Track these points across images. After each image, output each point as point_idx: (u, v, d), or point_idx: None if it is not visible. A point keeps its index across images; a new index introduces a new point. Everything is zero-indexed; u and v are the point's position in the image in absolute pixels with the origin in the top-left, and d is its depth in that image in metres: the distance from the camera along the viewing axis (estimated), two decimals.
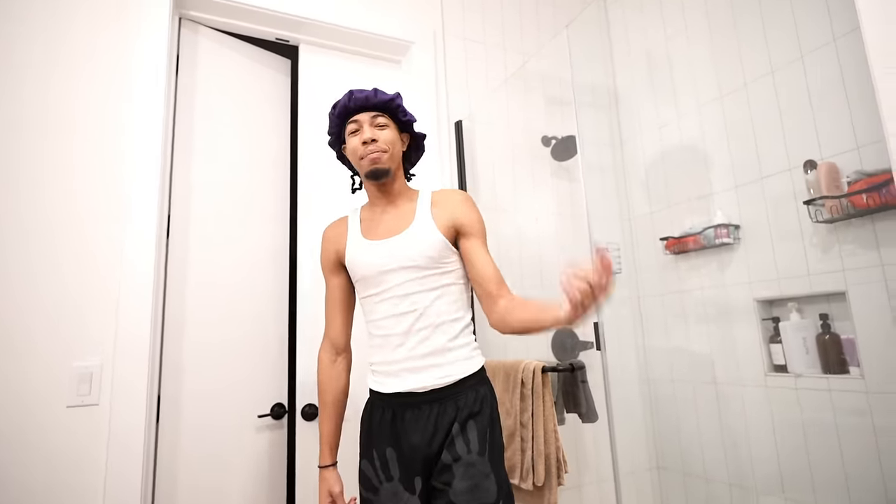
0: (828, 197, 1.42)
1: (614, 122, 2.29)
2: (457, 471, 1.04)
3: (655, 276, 2.08)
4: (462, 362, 1.12)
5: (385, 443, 1.11)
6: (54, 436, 1.24)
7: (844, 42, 1.45)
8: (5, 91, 1.32)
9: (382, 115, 1.19)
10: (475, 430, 1.07)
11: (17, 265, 1.27)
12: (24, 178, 1.31)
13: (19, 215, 1.29)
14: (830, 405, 1.47)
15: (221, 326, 1.57)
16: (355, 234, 1.22)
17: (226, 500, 1.48)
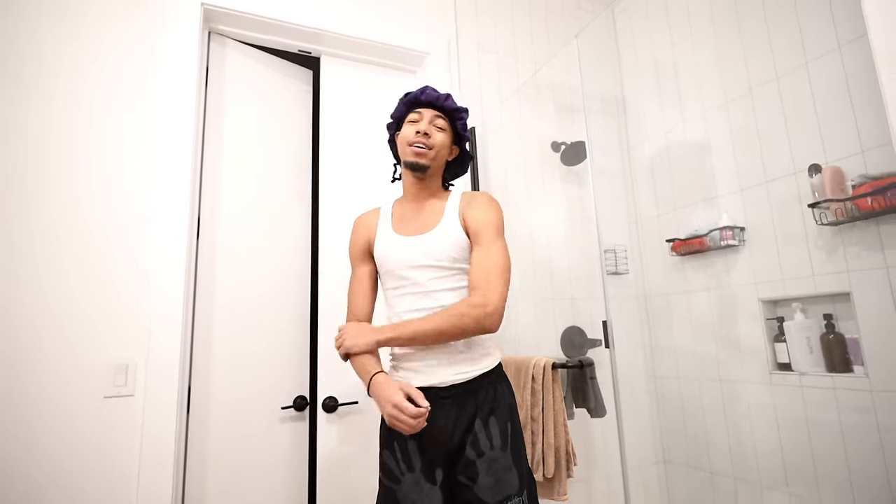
0: (833, 200, 1.38)
1: (622, 128, 2.25)
2: (481, 466, 1.03)
3: (662, 276, 2.04)
4: (480, 359, 1.12)
5: (406, 435, 1.09)
6: (93, 423, 1.26)
7: (849, 49, 1.41)
8: (57, 105, 1.34)
9: (444, 119, 1.19)
10: (496, 426, 1.07)
11: (63, 268, 1.29)
12: (76, 183, 1.33)
13: (72, 221, 1.31)
14: (834, 403, 1.43)
15: (248, 323, 1.58)
16: (386, 226, 1.21)
17: (251, 484, 1.49)
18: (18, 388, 1.21)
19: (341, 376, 1.61)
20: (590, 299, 1.98)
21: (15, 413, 1.20)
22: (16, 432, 1.19)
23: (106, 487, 1.24)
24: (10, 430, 1.19)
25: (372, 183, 1.79)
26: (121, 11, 1.46)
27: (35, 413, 1.21)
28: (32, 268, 1.26)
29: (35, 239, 1.28)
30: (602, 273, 1.46)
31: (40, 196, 1.30)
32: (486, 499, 1.01)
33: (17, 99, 1.31)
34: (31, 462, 1.19)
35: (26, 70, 1.34)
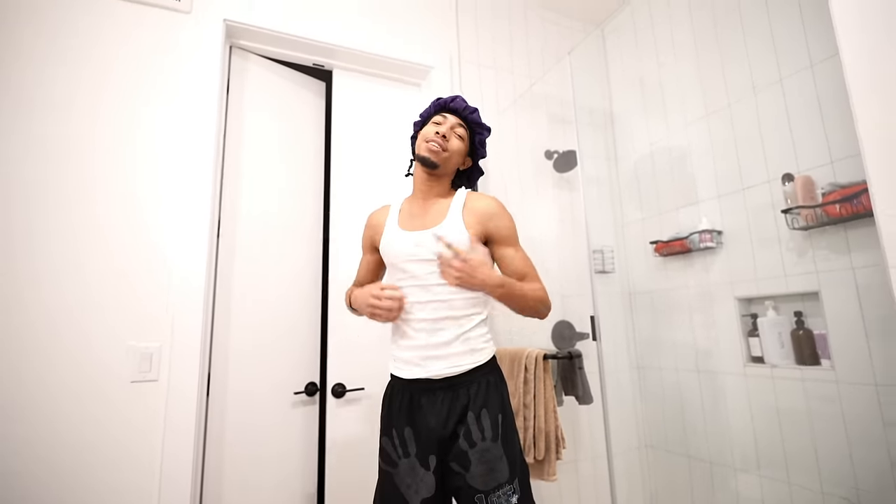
0: (804, 206, 1.39)
1: (610, 139, 2.26)
2: (472, 457, 1.02)
3: (645, 275, 2.05)
4: (473, 353, 1.09)
5: (403, 423, 1.09)
6: (120, 406, 1.27)
7: (820, 68, 1.42)
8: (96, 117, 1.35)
9: (465, 129, 1.20)
10: (488, 417, 1.05)
11: (94, 263, 1.30)
12: (97, 188, 1.34)
13: (106, 221, 1.32)
14: (803, 393, 1.44)
15: (263, 314, 1.59)
16: (392, 222, 1.21)
17: (265, 463, 1.50)
18: (53, 375, 1.22)
19: (349, 364, 1.62)
20: (579, 296, 1.99)
21: (49, 397, 1.21)
22: (50, 414, 1.20)
23: (132, 464, 1.25)
24: (44, 412, 1.20)
25: (380, 186, 1.80)
26: (148, 25, 1.47)
27: (68, 396, 1.22)
28: (67, 263, 1.27)
29: (71, 236, 1.29)
30: (590, 271, 1.47)
31: (65, 197, 1.31)
32: (477, 486, 1.00)
33: (41, 107, 1.32)
34: (62, 441, 1.20)
35: (54, 80, 1.34)
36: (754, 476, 1.58)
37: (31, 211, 1.26)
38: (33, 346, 1.21)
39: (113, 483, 1.23)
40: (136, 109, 1.41)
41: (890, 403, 1.25)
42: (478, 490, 0.99)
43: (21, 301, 1.22)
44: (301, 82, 1.85)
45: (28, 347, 1.21)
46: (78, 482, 1.20)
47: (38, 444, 1.18)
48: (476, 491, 1.00)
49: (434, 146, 1.15)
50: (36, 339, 1.22)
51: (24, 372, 1.20)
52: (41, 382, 1.21)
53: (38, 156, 1.28)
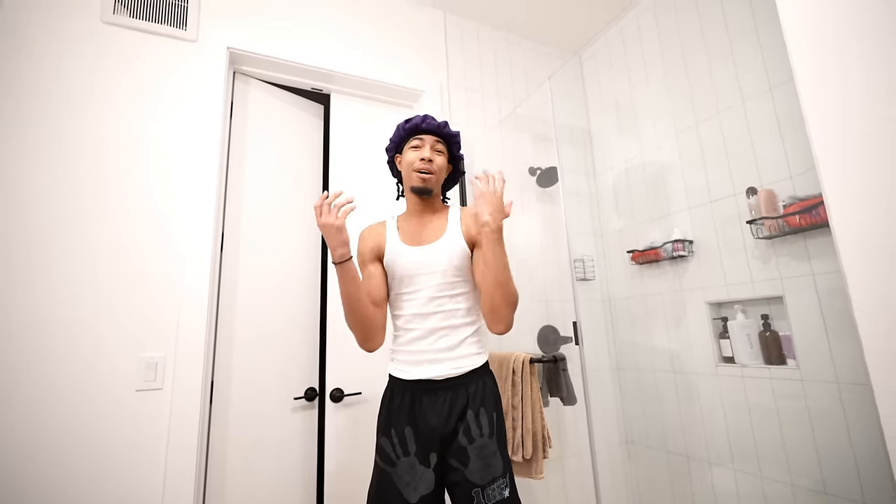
0: (767, 217, 1.41)
1: (589, 156, 2.28)
2: (471, 453, 1.02)
3: (623, 282, 2.05)
4: (472, 357, 1.11)
5: (403, 422, 1.07)
6: (126, 414, 1.23)
7: (778, 90, 1.45)
8: (105, 139, 1.33)
9: (442, 143, 1.19)
10: (486, 416, 1.06)
11: (98, 276, 1.27)
12: (110, 199, 1.31)
13: (111, 236, 1.29)
14: (771, 391, 1.44)
15: (264, 323, 1.56)
16: (394, 238, 1.18)
17: (267, 468, 1.46)
18: (58, 385, 1.18)
19: (346, 370, 1.60)
20: (562, 301, 1.98)
21: (53, 407, 1.17)
22: (54, 424, 1.16)
23: (136, 471, 1.21)
24: (48, 423, 1.16)
25: (374, 201, 1.79)
26: (156, 53, 1.46)
27: (72, 406, 1.19)
28: (70, 276, 1.24)
29: (78, 251, 1.26)
30: (572, 279, 1.47)
31: (76, 215, 1.28)
32: (475, 480, 1.00)
33: (58, 124, 1.30)
34: (68, 450, 1.16)
35: (68, 104, 1.33)
36: (728, 469, 1.57)
37: (47, 228, 1.23)
38: (39, 355, 1.18)
39: (118, 493, 1.19)
40: (143, 133, 1.39)
41: (851, 400, 1.25)
42: (475, 484, 1.00)
43: (32, 308, 1.18)
44: (300, 105, 1.85)
45: (33, 356, 1.17)
46: (80, 488, 1.16)
47: (41, 451, 1.14)
48: (473, 485, 1.00)
49: (424, 174, 1.14)
50: (41, 348, 1.18)
51: (29, 379, 1.16)
52: (46, 389, 1.17)
53: (50, 173, 1.26)
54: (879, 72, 0.75)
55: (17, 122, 1.25)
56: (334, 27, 1.80)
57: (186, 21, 1.51)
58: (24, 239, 1.21)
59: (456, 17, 2.13)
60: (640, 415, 1.96)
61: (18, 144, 1.24)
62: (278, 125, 1.75)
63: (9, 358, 1.15)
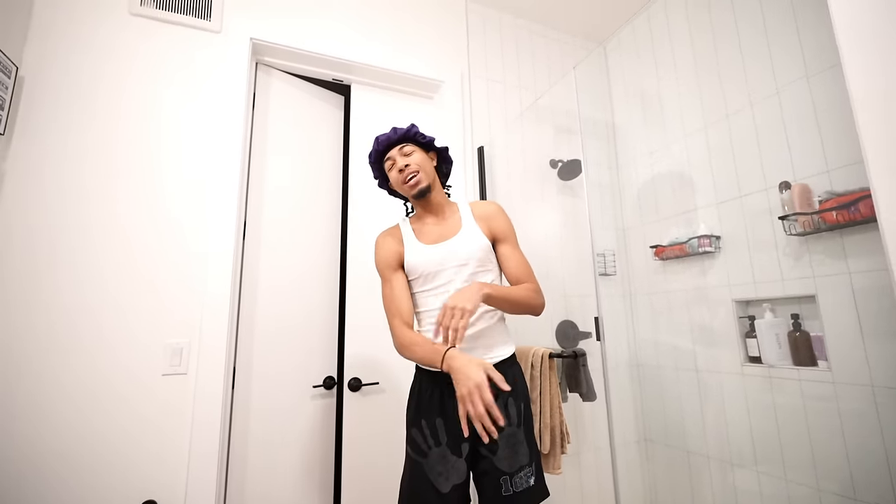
0: (801, 213, 1.34)
1: (612, 149, 2.22)
2: (501, 441, 1.04)
3: (645, 278, 2.00)
4: (501, 346, 1.12)
5: (434, 414, 1.07)
6: (153, 397, 1.26)
7: (816, 79, 1.37)
8: (130, 129, 1.35)
9: (407, 145, 1.17)
10: (514, 405, 1.07)
11: (130, 265, 1.29)
12: (140, 197, 1.33)
13: (142, 226, 1.31)
14: (800, 392, 1.39)
15: (284, 312, 1.57)
16: (411, 239, 1.17)
17: (286, 451, 1.48)
18: (93, 370, 1.21)
19: (364, 360, 1.60)
20: (581, 297, 1.95)
21: (89, 390, 1.20)
22: (90, 405, 1.19)
23: (163, 447, 1.24)
24: (84, 403, 1.19)
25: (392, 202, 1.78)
26: (182, 42, 1.46)
27: (106, 389, 1.22)
28: (110, 267, 1.27)
29: (108, 240, 1.28)
30: (594, 274, 1.43)
31: (109, 206, 1.30)
32: (503, 468, 1.01)
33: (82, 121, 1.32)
34: (100, 429, 1.19)
35: (98, 95, 1.34)
36: (751, 471, 1.52)
37: (85, 219, 1.25)
38: (74, 339, 1.21)
39: (145, 465, 1.21)
40: (168, 121, 1.41)
41: (886, 404, 1.19)
42: (503, 472, 1.01)
43: (68, 296, 1.21)
44: (321, 96, 1.84)
45: (70, 340, 1.20)
46: (112, 463, 1.19)
47: (71, 431, 1.17)
48: (502, 472, 1.01)
49: (411, 180, 1.14)
50: (77, 331, 1.21)
51: (63, 363, 1.19)
52: (81, 373, 1.20)
53: (90, 164, 1.28)
54: None
55: (53, 114, 1.27)
56: (354, 17, 1.78)
57: (211, 12, 1.51)
58: (54, 226, 1.23)
59: (477, 4, 2.08)
60: (660, 412, 1.92)
61: (55, 137, 1.26)
62: (300, 116, 1.75)
63: (41, 341, 1.18)
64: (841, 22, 0.82)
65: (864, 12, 0.79)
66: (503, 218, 1.19)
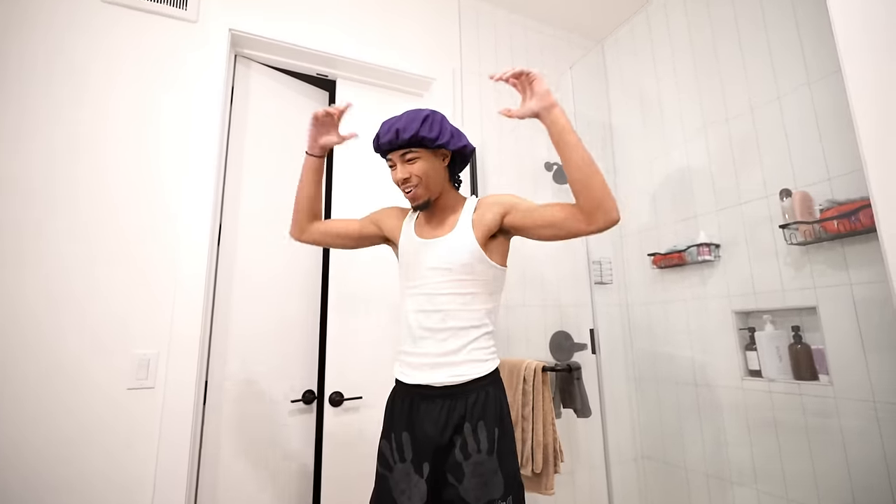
0: (802, 222, 1.38)
1: (609, 152, 2.25)
2: (467, 469, 0.99)
3: (643, 287, 2.03)
4: (475, 364, 1.06)
5: (402, 427, 1.07)
6: (116, 413, 1.23)
7: (818, 86, 1.42)
8: (104, 121, 1.33)
9: (409, 150, 1.08)
10: (484, 430, 1.01)
11: (90, 268, 1.27)
12: (106, 186, 1.31)
13: (101, 224, 1.29)
14: (801, 408, 1.42)
15: (262, 322, 1.56)
16: (409, 227, 1.18)
17: (262, 470, 1.46)
18: (47, 382, 1.18)
19: (347, 373, 1.59)
20: (576, 306, 1.97)
21: (42, 405, 1.17)
22: (44, 423, 1.16)
23: (126, 471, 1.22)
24: (37, 421, 1.16)
25: (381, 193, 1.78)
26: (156, 33, 1.45)
27: (62, 404, 1.19)
28: (61, 269, 1.24)
29: (64, 241, 1.26)
30: (590, 282, 1.45)
31: (71, 200, 1.28)
32: (469, 499, 0.96)
33: (48, 108, 1.30)
34: (57, 449, 1.16)
35: (67, 81, 1.32)
36: (751, 490, 1.55)
37: (40, 213, 1.23)
38: (27, 348, 1.18)
39: (106, 492, 1.19)
40: (140, 116, 1.39)
41: (888, 420, 1.23)
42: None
43: (15, 305, 1.18)
44: (304, 91, 1.84)
45: (21, 350, 1.17)
46: (71, 490, 1.16)
47: (29, 447, 1.14)
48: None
49: (409, 194, 1.11)
50: (29, 339, 1.18)
51: (17, 374, 1.16)
52: (34, 384, 1.17)
53: (46, 156, 1.26)
54: None
55: (16, 100, 1.25)
56: (340, 9, 1.78)
57: (187, 1, 1.51)
58: (14, 225, 1.21)
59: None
60: (658, 429, 1.94)
61: (14, 125, 1.24)
62: (281, 111, 1.74)
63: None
64: (841, 28, 0.85)
65: (865, 20, 0.83)
66: (503, 197, 1.11)
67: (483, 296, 1.10)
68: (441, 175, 1.13)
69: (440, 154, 1.12)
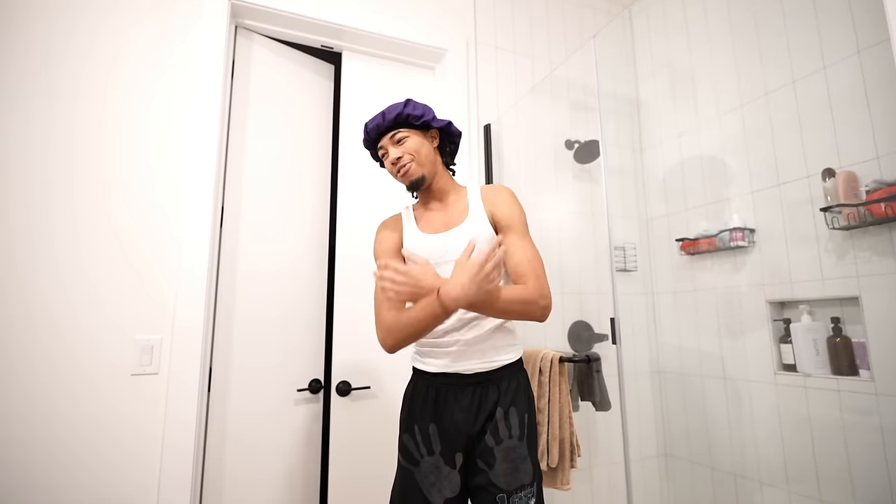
0: (845, 205, 1.35)
1: (635, 128, 2.22)
2: (498, 454, 1.03)
3: (670, 274, 2.01)
4: (505, 349, 1.11)
5: (428, 419, 1.09)
6: (120, 399, 1.28)
7: (868, 54, 1.36)
8: (101, 102, 1.36)
9: (398, 131, 1.15)
10: (516, 416, 1.07)
11: (93, 254, 1.31)
12: (104, 172, 1.34)
13: (97, 216, 1.32)
14: (838, 405, 1.40)
15: (266, 308, 1.59)
16: (411, 227, 1.20)
17: (267, 461, 1.51)
18: (52, 369, 1.23)
19: (355, 361, 1.62)
20: (598, 294, 1.96)
21: (48, 391, 1.22)
22: (48, 409, 1.22)
23: (132, 460, 1.27)
24: (42, 407, 1.21)
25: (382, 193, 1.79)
26: (152, 4, 1.46)
27: (67, 389, 1.24)
28: (68, 255, 1.28)
29: (70, 228, 1.29)
30: (611, 269, 1.44)
31: (71, 184, 1.31)
32: (500, 485, 1.01)
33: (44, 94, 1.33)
34: (60, 433, 1.22)
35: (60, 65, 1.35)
36: (782, 491, 1.55)
37: (34, 200, 1.27)
38: (31, 339, 1.23)
39: (111, 479, 1.24)
40: (138, 94, 1.41)
41: None
42: (500, 489, 1.01)
43: (20, 292, 1.23)
44: (308, 65, 1.84)
45: (25, 340, 1.22)
46: (74, 478, 1.21)
47: (34, 440, 1.20)
48: (499, 490, 1.01)
49: (402, 170, 1.14)
50: (34, 330, 1.23)
51: (22, 366, 1.21)
52: (39, 376, 1.22)
53: (40, 143, 1.29)
54: None
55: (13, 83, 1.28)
56: None
57: None
58: (12, 210, 1.25)
59: None
60: (683, 425, 1.94)
61: (8, 109, 1.27)
62: (284, 86, 1.75)
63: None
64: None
65: None
66: (508, 202, 1.15)
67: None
68: (433, 154, 1.18)
69: (428, 136, 1.19)
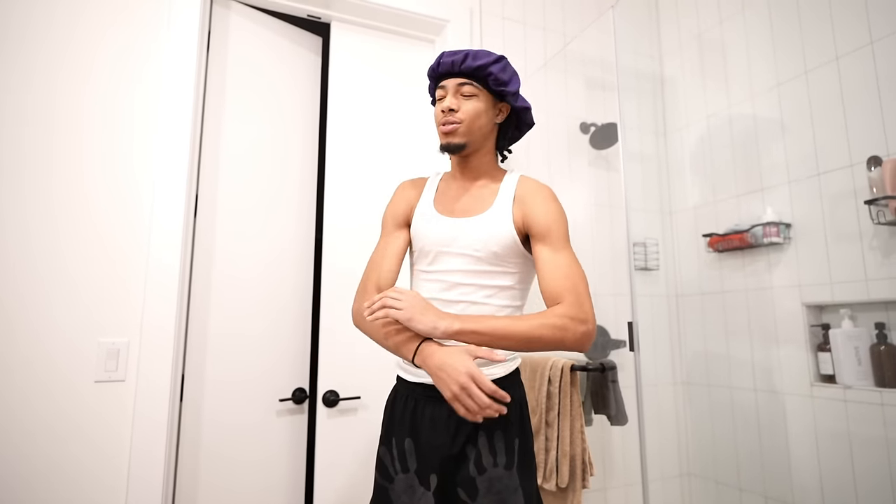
0: (893, 197, 1.35)
1: (659, 110, 2.21)
2: (481, 485, 1.00)
3: (696, 274, 2.02)
4: (495, 364, 1.06)
5: (405, 433, 1.08)
6: (82, 408, 1.29)
7: None
8: (44, 73, 1.36)
9: (470, 84, 1.10)
10: (502, 440, 1.02)
11: (47, 248, 1.31)
12: (54, 167, 1.34)
13: (52, 203, 1.33)
14: (882, 420, 1.41)
15: (246, 311, 1.60)
16: (427, 201, 1.18)
17: (245, 478, 1.52)
18: (5, 371, 1.24)
19: (343, 369, 1.63)
20: (614, 296, 1.96)
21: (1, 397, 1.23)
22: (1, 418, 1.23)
23: (95, 475, 1.28)
24: None
25: (384, 159, 1.79)
26: None
27: (23, 397, 1.24)
28: (24, 249, 1.29)
29: (28, 219, 1.30)
30: (630, 268, 1.45)
31: (36, 178, 1.32)
32: None
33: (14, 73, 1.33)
34: (16, 448, 1.23)
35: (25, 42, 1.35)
36: None
37: None
38: None
39: (75, 499, 1.25)
40: (101, 68, 1.41)
41: None
42: None
43: None
44: (293, 37, 1.84)
45: None
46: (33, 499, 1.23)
47: None
48: None
49: (446, 128, 1.10)
50: None
51: None
52: None
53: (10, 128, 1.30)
54: None
55: None
56: None
57: None
58: None
59: None
60: (709, 442, 1.95)
61: None
62: (266, 60, 1.75)
63: None
64: None
65: None
66: (546, 206, 1.08)
67: (511, 290, 1.10)
68: (489, 129, 1.15)
69: (497, 107, 1.15)
